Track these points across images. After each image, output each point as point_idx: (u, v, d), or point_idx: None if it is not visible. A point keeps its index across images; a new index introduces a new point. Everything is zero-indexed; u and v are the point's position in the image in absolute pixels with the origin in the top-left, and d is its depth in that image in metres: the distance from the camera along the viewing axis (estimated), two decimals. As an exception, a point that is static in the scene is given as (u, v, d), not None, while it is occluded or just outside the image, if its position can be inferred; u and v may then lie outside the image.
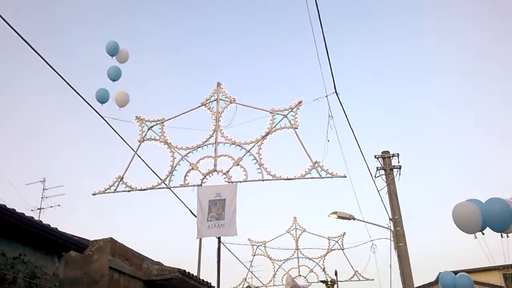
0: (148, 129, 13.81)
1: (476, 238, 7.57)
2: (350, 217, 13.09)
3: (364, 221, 13.74)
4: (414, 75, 53.58)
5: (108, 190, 12.93)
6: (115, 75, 13.63)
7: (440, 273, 11.11)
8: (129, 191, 12.91)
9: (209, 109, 13.79)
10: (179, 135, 16.07)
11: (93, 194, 12.93)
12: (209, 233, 12.15)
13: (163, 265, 11.20)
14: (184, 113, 13.97)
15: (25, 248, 7.80)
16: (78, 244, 8.79)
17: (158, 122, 13.90)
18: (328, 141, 11.81)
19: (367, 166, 12.12)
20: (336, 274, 9.57)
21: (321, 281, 9.55)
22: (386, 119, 56.07)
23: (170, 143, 13.52)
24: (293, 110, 13.05)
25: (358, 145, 11.69)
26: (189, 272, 11.09)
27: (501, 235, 7.21)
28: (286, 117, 13.07)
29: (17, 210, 7.39)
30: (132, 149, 12.91)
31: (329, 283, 11.10)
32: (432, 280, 20.34)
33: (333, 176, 11.98)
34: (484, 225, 7.24)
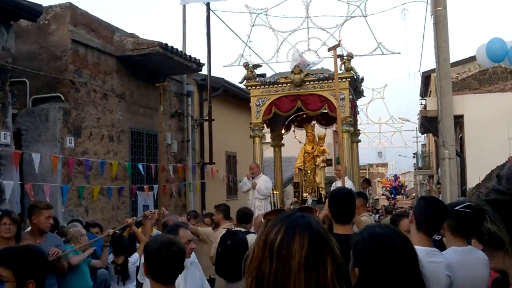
0: None
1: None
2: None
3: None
4: None
5: None
6: None
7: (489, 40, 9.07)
8: None
9: None
10: None
11: None
12: None
13: (139, 37, 9.22)
14: None
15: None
16: (29, 10, 7.17)
17: None
18: None
19: None
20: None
21: (336, 55, 7.55)
22: None
23: None
24: None
25: None
26: (172, 47, 9.22)
27: None
28: None
29: None
30: None
31: (345, 57, 9.10)
32: (472, 54, 18.38)
33: None
34: None
